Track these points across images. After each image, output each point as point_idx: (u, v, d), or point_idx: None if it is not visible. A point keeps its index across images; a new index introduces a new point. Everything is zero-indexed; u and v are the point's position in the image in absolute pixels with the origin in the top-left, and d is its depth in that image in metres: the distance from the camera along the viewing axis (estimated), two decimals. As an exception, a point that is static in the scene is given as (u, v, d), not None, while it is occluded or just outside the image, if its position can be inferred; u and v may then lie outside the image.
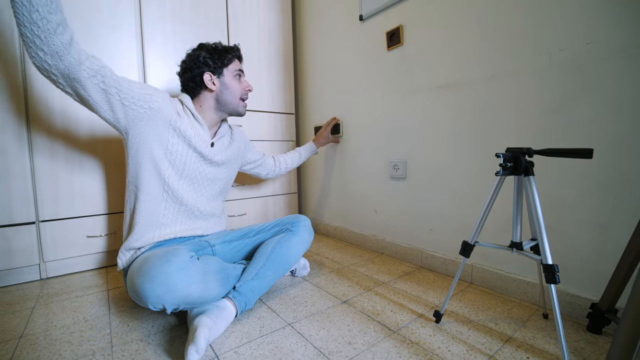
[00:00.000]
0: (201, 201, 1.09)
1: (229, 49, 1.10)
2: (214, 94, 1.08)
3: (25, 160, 1.22)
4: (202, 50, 1.07)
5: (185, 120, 1.02)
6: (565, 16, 0.93)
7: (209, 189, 1.12)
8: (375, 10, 1.52)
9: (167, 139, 0.98)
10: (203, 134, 1.06)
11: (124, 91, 0.88)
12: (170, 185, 1.00)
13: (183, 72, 1.08)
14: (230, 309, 0.87)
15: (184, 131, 1.00)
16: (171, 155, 0.99)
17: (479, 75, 1.14)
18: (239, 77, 1.12)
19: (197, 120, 1.05)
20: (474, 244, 0.86)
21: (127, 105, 0.90)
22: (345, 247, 1.71)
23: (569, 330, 0.87)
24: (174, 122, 0.99)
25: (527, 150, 0.76)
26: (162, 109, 0.97)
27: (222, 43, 1.12)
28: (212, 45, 1.09)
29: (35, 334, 0.89)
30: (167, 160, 0.99)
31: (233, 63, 1.11)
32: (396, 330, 0.89)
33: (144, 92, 0.93)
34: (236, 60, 1.12)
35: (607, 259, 0.88)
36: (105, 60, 1.36)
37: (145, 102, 0.93)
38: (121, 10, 1.40)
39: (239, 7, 1.78)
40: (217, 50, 1.08)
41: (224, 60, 1.08)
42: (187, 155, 1.02)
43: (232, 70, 1.10)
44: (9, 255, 1.22)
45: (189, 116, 1.04)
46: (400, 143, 1.46)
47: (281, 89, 2.00)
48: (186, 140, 1.01)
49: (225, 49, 1.09)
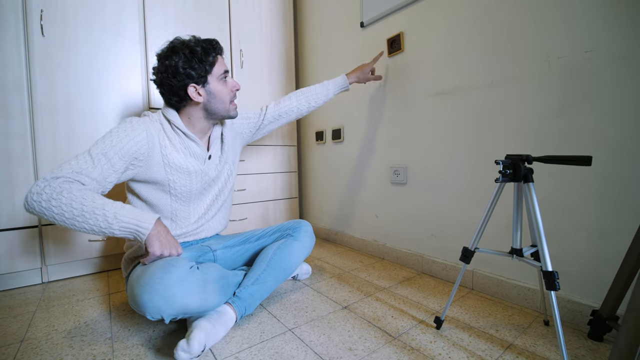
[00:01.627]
0: (208, 212, 1.08)
1: (208, 50, 0.94)
2: (201, 105, 0.97)
3: (29, 164, 1.23)
4: (177, 57, 0.90)
5: (176, 142, 0.95)
6: (564, 24, 0.94)
7: (217, 202, 1.10)
8: (377, 17, 1.53)
9: (166, 177, 0.94)
10: (198, 151, 1.00)
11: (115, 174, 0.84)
12: (177, 215, 1.00)
13: (160, 85, 0.94)
14: (230, 314, 0.87)
15: (178, 162, 0.95)
16: (175, 190, 0.97)
17: (478, 81, 1.15)
18: (224, 79, 0.99)
19: (189, 138, 0.97)
20: (475, 250, 0.86)
21: (127, 171, 0.88)
22: (346, 252, 1.71)
23: (570, 337, 0.87)
24: (166, 157, 0.93)
25: (527, 157, 0.76)
26: (149, 154, 0.90)
27: (198, 38, 0.95)
28: (187, 47, 0.91)
29: (36, 338, 0.89)
30: (172, 196, 0.97)
31: (217, 65, 0.96)
32: (397, 336, 0.89)
33: (124, 154, 0.84)
34: (219, 59, 0.98)
35: (607, 265, 0.88)
36: (108, 67, 1.38)
37: (134, 159, 0.88)
38: (125, 14, 1.41)
39: (242, 12, 1.80)
40: (196, 55, 0.91)
41: (206, 66, 0.93)
42: (190, 183, 0.99)
43: (217, 75, 0.97)
44: (11, 259, 1.22)
45: (180, 136, 0.96)
46: (400, 148, 1.47)
47: (283, 93, 2.01)
48: (185, 170, 0.96)
49: (205, 51, 0.93)
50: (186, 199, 1.00)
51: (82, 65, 1.32)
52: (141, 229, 0.77)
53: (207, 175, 1.03)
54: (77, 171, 0.77)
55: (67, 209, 0.71)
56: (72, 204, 0.72)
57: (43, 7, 1.23)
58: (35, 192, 0.72)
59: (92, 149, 0.82)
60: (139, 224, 0.76)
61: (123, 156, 0.84)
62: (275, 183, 1.99)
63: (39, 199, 0.71)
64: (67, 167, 0.77)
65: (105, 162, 0.81)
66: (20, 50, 1.21)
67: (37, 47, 1.23)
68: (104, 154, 0.81)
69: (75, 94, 1.31)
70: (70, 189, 0.73)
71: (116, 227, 0.74)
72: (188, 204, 1.02)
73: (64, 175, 0.75)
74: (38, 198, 0.71)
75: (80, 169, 0.78)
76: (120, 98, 1.41)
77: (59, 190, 0.72)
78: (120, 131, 0.86)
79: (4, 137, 1.19)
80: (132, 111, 1.44)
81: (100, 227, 0.74)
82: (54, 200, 0.71)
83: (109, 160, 0.82)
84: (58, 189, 0.72)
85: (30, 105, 1.23)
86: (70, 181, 0.76)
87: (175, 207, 0.99)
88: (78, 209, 0.72)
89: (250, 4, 1.84)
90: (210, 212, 1.08)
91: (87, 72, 1.33)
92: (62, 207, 0.71)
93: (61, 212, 0.71)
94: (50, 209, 0.71)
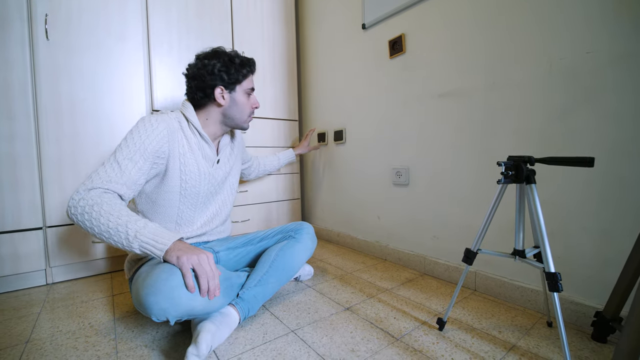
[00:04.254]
0: (213, 221, 1.10)
1: (245, 63, 1.03)
2: (222, 109, 1.02)
3: (33, 167, 1.25)
4: (217, 60, 0.99)
5: (192, 142, 0.98)
6: (566, 25, 0.94)
7: (221, 207, 1.12)
8: (378, 19, 1.54)
9: (180, 176, 0.96)
10: (210, 153, 1.03)
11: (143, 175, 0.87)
12: (184, 217, 1.01)
13: (192, 78, 1.00)
14: (233, 316, 0.88)
15: (192, 161, 0.97)
16: (185, 191, 0.98)
17: (480, 83, 1.16)
18: (248, 95, 1.06)
19: (203, 139, 1.01)
20: (477, 252, 0.86)
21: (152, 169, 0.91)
22: (349, 254, 1.71)
23: (573, 339, 0.87)
24: (183, 156, 0.96)
25: (529, 159, 0.76)
26: (170, 151, 0.93)
27: (238, 53, 1.04)
28: (228, 55, 1.01)
29: (41, 339, 0.90)
30: (182, 196, 0.98)
31: (247, 80, 1.05)
32: (399, 337, 0.89)
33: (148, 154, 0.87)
34: (250, 76, 1.06)
35: (610, 266, 0.88)
36: (112, 70, 1.39)
37: (157, 158, 0.90)
38: (128, 19, 1.43)
39: (244, 16, 1.81)
40: (234, 64, 1.00)
41: (239, 77, 1.01)
42: (201, 184, 1.01)
43: (245, 88, 1.04)
44: (16, 260, 1.23)
45: (196, 135, 0.99)
46: (403, 150, 1.47)
47: (285, 95, 2.02)
48: (196, 170, 0.98)
49: (242, 63, 1.02)
50: (194, 200, 1.01)
51: (86, 68, 1.33)
52: (157, 245, 0.76)
53: (214, 178, 1.05)
54: (106, 180, 0.80)
55: (97, 223, 0.74)
56: (100, 219, 0.74)
57: (48, 12, 1.24)
58: (72, 206, 0.76)
59: (117, 155, 0.84)
60: (156, 241, 0.76)
61: (147, 157, 0.87)
62: (278, 184, 2.00)
63: (74, 212, 0.76)
64: (96, 178, 0.80)
65: (132, 166, 0.84)
66: (25, 53, 1.22)
67: (41, 50, 1.24)
68: (130, 159, 0.84)
69: (79, 97, 1.32)
70: (101, 202, 0.76)
71: (136, 245, 0.75)
72: (194, 207, 1.02)
73: (94, 186, 0.78)
74: (74, 211, 0.76)
75: (109, 178, 0.80)
76: (124, 101, 1.43)
77: (91, 203, 0.75)
78: (142, 131, 0.88)
79: (8, 140, 1.20)
80: (136, 114, 1.45)
81: (123, 245, 0.75)
82: (87, 214, 0.75)
83: (135, 163, 0.85)
84: (90, 202, 0.75)
85: (35, 108, 1.25)
86: (102, 192, 0.78)
87: (182, 210, 0.99)
88: (105, 224, 0.74)
89: (252, 8, 1.85)
90: (215, 222, 1.10)
91: (91, 76, 1.35)
92: (92, 222, 0.75)
93: (92, 226, 0.75)
94: (84, 222, 0.75)
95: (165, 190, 0.96)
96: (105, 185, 0.79)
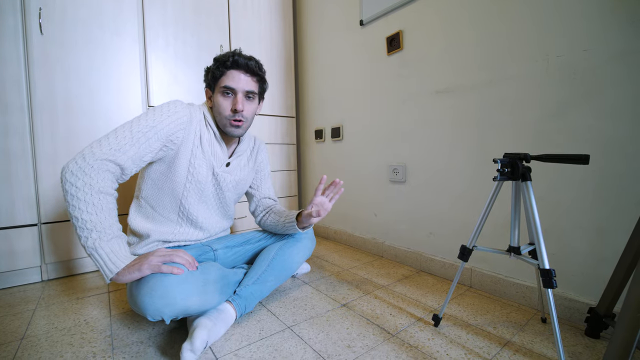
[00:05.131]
0: (215, 220, 1.08)
1: (221, 60, 0.95)
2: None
3: (28, 162, 1.24)
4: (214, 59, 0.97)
5: (205, 137, 0.96)
6: (563, 22, 0.94)
7: (225, 208, 1.10)
8: (376, 16, 1.53)
9: (187, 168, 0.94)
10: (220, 153, 1.01)
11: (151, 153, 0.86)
12: (187, 209, 0.99)
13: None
14: (230, 312, 0.88)
15: (202, 155, 0.96)
16: (192, 177, 0.96)
17: (477, 80, 1.16)
18: (227, 94, 0.95)
19: (216, 138, 0.99)
20: (473, 248, 0.86)
21: (160, 151, 0.89)
22: (345, 250, 1.71)
23: (567, 335, 0.88)
24: (196, 148, 0.94)
25: (525, 156, 0.77)
26: (184, 138, 0.91)
27: (240, 52, 0.97)
28: (222, 54, 0.97)
29: (36, 336, 0.90)
30: (188, 185, 0.96)
31: (224, 76, 0.94)
32: (395, 333, 0.89)
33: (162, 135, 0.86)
34: (230, 73, 0.94)
35: (605, 263, 0.89)
36: (107, 65, 1.38)
37: (169, 142, 0.89)
38: (124, 13, 1.41)
39: (240, 11, 1.80)
40: (217, 61, 0.95)
41: (216, 74, 0.95)
42: (207, 179, 0.99)
43: (220, 87, 0.95)
44: (11, 257, 1.22)
45: (210, 132, 0.98)
46: (400, 147, 1.47)
47: (282, 92, 2.01)
48: (205, 165, 0.97)
49: (220, 58, 0.95)
50: (198, 195, 0.99)
51: (81, 63, 1.32)
52: (108, 265, 0.72)
53: (223, 180, 1.03)
54: (116, 148, 0.78)
55: (72, 206, 0.72)
56: (80, 204, 0.72)
57: (42, 5, 1.23)
58: (70, 171, 0.73)
59: (133, 126, 0.82)
60: (105, 261, 0.72)
61: (160, 137, 0.86)
62: (275, 181, 1.99)
63: (67, 178, 0.73)
64: (106, 144, 0.78)
65: (145, 142, 0.83)
66: (18, 48, 1.21)
67: (35, 45, 1.22)
68: (143, 133, 0.83)
69: (74, 92, 1.31)
70: (98, 191, 0.74)
71: (91, 248, 0.72)
72: (198, 202, 1.00)
73: (103, 157, 0.76)
74: (68, 177, 0.73)
75: (118, 146, 0.79)
76: (120, 96, 1.41)
77: (85, 182, 0.73)
78: (164, 111, 0.88)
79: (2, 134, 1.18)
80: (132, 109, 1.44)
81: (80, 239, 0.73)
82: (76, 189, 0.72)
83: (148, 139, 0.83)
84: (87, 180, 0.73)
85: (29, 102, 1.23)
86: (102, 169, 0.76)
87: (186, 202, 0.98)
88: (78, 215, 0.72)
89: (250, 3, 1.84)
90: (216, 221, 1.09)
91: (86, 71, 1.33)
92: (73, 200, 0.72)
93: (70, 202, 0.72)
94: (71, 195, 0.72)
95: (171, 178, 0.94)
96: (113, 155, 0.77)
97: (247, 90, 0.96)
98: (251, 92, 0.97)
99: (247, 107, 0.97)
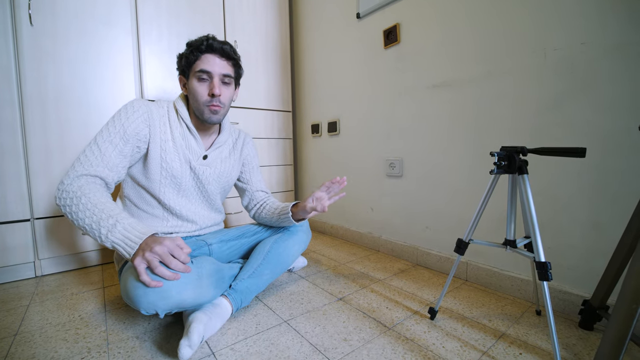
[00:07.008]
0: (203, 213, 1.07)
1: (195, 44, 0.92)
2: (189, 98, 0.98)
3: (19, 157, 1.21)
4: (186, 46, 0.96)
5: (177, 131, 0.96)
6: (560, 16, 0.93)
7: (210, 201, 1.09)
8: (373, 8, 1.51)
9: (160, 164, 0.94)
10: (195, 147, 0.99)
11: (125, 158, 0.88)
12: (167, 204, 0.98)
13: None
14: (226, 306, 0.87)
15: (173, 149, 0.95)
16: (166, 172, 0.95)
17: (474, 73, 1.15)
18: (201, 79, 0.93)
19: (190, 132, 0.98)
20: (469, 242, 0.87)
21: (135, 153, 0.91)
22: (342, 245, 1.72)
23: (561, 327, 0.89)
24: (165, 142, 0.94)
25: (521, 149, 0.76)
26: (151, 134, 0.92)
27: (214, 36, 0.94)
28: (195, 39, 0.94)
29: (30, 332, 0.89)
30: (163, 180, 0.95)
31: (198, 61, 0.92)
32: (391, 327, 0.89)
33: (127, 137, 0.87)
34: (204, 57, 0.92)
35: (600, 257, 0.89)
36: (101, 58, 1.35)
37: (137, 141, 0.89)
38: (117, 4, 1.38)
39: (236, 3, 1.77)
40: (190, 46, 0.93)
41: (190, 59, 0.92)
42: (183, 174, 0.98)
43: (195, 71, 0.93)
44: (3, 253, 1.21)
45: (182, 126, 0.97)
46: (396, 141, 1.47)
47: (278, 86, 2.00)
48: (177, 160, 0.96)
49: (196, 44, 0.92)
50: (175, 190, 0.99)
51: (73, 55, 1.29)
52: (126, 249, 0.73)
53: (200, 172, 1.01)
54: (87, 165, 0.81)
55: (76, 217, 0.76)
56: (79, 213, 0.75)
57: (31, -5, 1.20)
58: (57, 197, 0.78)
59: (98, 139, 0.84)
60: (125, 243, 0.74)
61: (128, 139, 0.87)
62: (271, 176, 1.98)
63: (59, 203, 0.78)
64: (78, 165, 0.81)
65: (113, 149, 0.84)
66: (7, 39, 1.18)
67: (25, 36, 1.20)
68: (110, 142, 0.84)
69: (66, 84, 1.28)
70: (81, 195, 0.76)
71: (109, 245, 0.75)
72: (178, 197, 1.00)
73: (77, 174, 0.79)
74: (59, 202, 0.78)
75: (90, 162, 0.81)
76: (113, 88, 1.39)
77: (72, 196, 0.76)
78: (122, 115, 0.88)
79: (-7, 129, 1.16)
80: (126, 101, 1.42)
81: (101, 241, 0.75)
82: (68, 207, 0.76)
83: (115, 146, 0.85)
84: (71, 194, 0.76)
85: (20, 96, 1.21)
86: (85, 182, 0.79)
87: (165, 198, 0.97)
88: (82, 219, 0.75)
89: (245, -6, 1.81)
90: (203, 214, 1.08)
91: (78, 63, 1.31)
92: (72, 215, 0.76)
93: (73, 219, 0.77)
94: (68, 214, 0.77)
95: (146, 175, 0.94)
96: (87, 170, 0.80)
97: (223, 74, 0.94)
98: (227, 76, 0.95)
99: (224, 92, 0.96)
